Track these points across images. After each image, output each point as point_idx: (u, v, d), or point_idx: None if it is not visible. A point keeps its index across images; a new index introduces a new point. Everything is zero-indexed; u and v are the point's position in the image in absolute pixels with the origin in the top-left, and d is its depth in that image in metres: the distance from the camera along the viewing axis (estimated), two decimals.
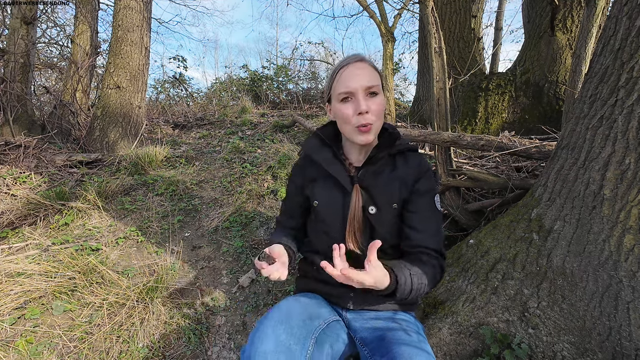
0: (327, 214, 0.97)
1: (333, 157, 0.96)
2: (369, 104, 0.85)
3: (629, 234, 1.02)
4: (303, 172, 1.03)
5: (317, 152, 0.98)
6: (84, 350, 1.28)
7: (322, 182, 0.98)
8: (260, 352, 0.69)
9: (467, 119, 3.64)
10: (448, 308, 1.22)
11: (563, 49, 3.23)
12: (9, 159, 2.80)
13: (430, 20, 2.04)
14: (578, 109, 1.25)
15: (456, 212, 2.03)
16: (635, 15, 1.05)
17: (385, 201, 0.93)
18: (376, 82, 0.87)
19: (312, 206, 0.99)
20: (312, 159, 0.99)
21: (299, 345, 0.73)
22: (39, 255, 1.73)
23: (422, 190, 0.93)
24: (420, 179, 0.94)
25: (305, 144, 1.02)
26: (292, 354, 0.71)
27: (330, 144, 0.98)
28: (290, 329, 0.75)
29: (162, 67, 12.26)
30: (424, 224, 0.92)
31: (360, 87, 0.85)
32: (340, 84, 0.87)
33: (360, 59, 0.88)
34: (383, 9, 3.82)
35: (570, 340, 1.03)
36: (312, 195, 0.99)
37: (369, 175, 0.94)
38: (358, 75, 0.85)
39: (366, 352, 0.86)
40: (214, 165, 3.29)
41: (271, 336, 0.72)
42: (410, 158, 0.97)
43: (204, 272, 1.85)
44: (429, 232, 0.91)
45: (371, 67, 0.89)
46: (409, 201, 0.94)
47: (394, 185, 0.93)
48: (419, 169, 0.94)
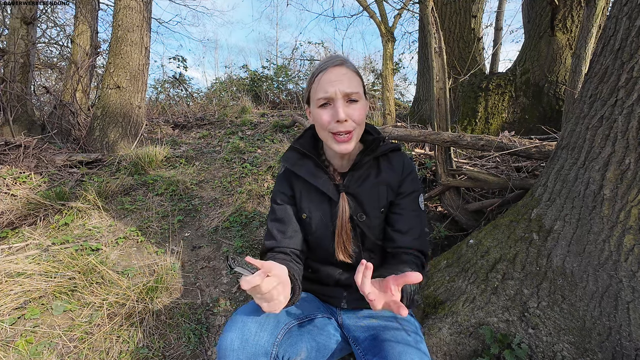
0: (317, 226, 0.94)
1: (315, 168, 0.93)
2: (349, 111, 0.81)
3: (629, 234, 1.02)
4: (289, 182, 0.98)
5: (298, 166, 0.94)
6: (84, 350, 1.28)
7: (307, 194, 0.95)
8: (227, 339, 0.72)
9: (467, 119, 3.64)
10: (448, 308, 1.22)
11: (563, 49, 3.23)
12: (9, 159, 2.80)
13: (430, 20, 2.04)
14: (578, 109, 1.25)
15: (456, 212, 2.03)
16: (635, 15, 1.05)
17: (373, 207, 0.92)
18: (357, 88, 0.83)
19: (302, 219, 0.96)
20: (294, 173, 0.95)
21: (266, 333, 0.75)
22: (39, 255, 1.73)
23: (407, 191, 0.93)
24: (405, 180, 0.94)
25: (284, 160, 0.97)
26: (256, 340, 0.72)
27: (310, 154, 0.94)
28: (260, 319, 0.77)
29: (162, 67, 12.26)
30: (408, 225, 0.92)
31: (339, 93, 0.80)
32: (319, 89, 0.83)
33: (340, 63, 0.84)
34: (383, 9, 3.82)
35: (570, 340, 1.03)
36: (301, 208, 0.95)
37: (355, 181, 0.92)
38: (337, 81, 0.81)
39: (359, 351, 0.86)
40: (214, 165, 3.29)
41: (239, 324, 0.74)
42: (393, 159, 0.95)
43: (204, 272, 1.85)
44: (412, 234, 0.91)
45: (352, 71, 0.85)
46: (394, 203, 0.94)
47: (380, 190, 0.92)
48: (403, 170, 0.94)
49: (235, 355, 0.70)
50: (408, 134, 2.11)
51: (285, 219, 0.95)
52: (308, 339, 0.83)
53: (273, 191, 1.00)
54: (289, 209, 0.96)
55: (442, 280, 1.35)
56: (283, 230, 0.93)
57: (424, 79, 4.53)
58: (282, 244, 0.91)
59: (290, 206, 0.96)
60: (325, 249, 0.95)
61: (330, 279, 0.99)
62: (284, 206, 0.96)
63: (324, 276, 1.00)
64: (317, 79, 0.84)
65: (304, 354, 0.80)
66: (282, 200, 0.97)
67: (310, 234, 0.95)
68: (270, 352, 0.73)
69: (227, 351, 0.70)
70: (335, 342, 0.90)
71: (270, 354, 0.72)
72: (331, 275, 0.99)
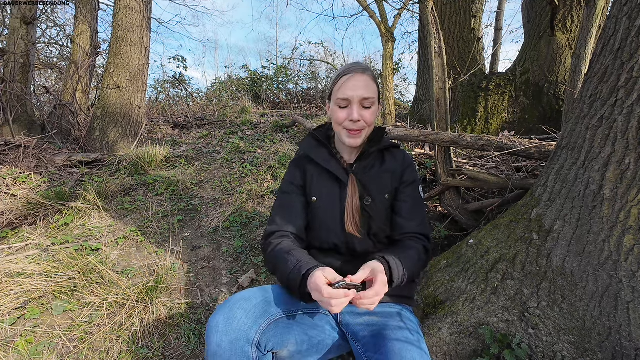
0: (326, 207, 1.02)
1: (329, 155, 1.04)
2: (363, 113, 0.94)
3: (629, 234, 1.02)
4: (302, 168, 1.08)
5: (314, 151, 1.06)
6: (84, 350, 1.28)
7: (319, 177, 1.05)
8: (214, 320, 0.78)
9: (467, 119, 3.64)
10: (448, 308, 1.22)
11: (563, 49, 3.23)
12: (9, 159, 2.80)
13: (430, 20, 2.04)
14: (578, 109, 1.25)
15: (456, 212, 2.03)
16: (635, 15, 1.05)
17: (378, 192, 1.01)
18: (373, 94, 0.95)
19: (311, 203, 1.04)
20: (309, 158, 1.06)
21: (250, 320, 0.78)
22: (39, 256, 1.73)
23: (409, 180, 1.04)
24: (406, 170, 1.05)
25: (302, 143, 1.09)
26: (239, 326, 0.76)
27: (325, 142, 1.07)
28: (247, 307, 0.81)
29: (162, 67, 12.26)
30: (413, 212, 1.02)
31: (357, 97, 0.93)
32: (340, 91, 0.95)
33: (363, 71, 0.95)
34: (383, 9, 3.82)
35: (570, 340, 1.03)
36: (311, 192, 1.04)
37: (362, 169, 1.03)
38: (358, 86, 0.93)
39: (359, 347, 0.86)
40: (214, 165, 3.29)
41: (227, 308, 0.79)
42: (395, 153, 1.07)
43: (204, 272, 1.85)
44: (417, 220, 1.02)
45: (372, 80, 0.96)
46: (398, 191, 1.04)
47: (385, 177, 1.03)
48: (404, 162, 1.06)
49: (218, 336, 0.75)
50: (408, 134, 2.11)
51: (289, 206, 1.03)
52: (298, 332, 0.85)
53: (282, 181, 1.10)
54: (295, 198, 1.04)
55: (442, 280, 1.35)
56: (285, 217, 1.01)
57: (424, 79, 4.53)
58: (283, 228, 0.99)
59: (297, 195, 1.05)
60: (332, 230, 1.01)
61: None
62: (290, 195, 1.05)
63: None
64: (341, 82, 0.95)
65: (292, 346, 0.82)
66: (290, 190, 1.05)
67: (318, 216, 1.02)
68: (252, 338, 0.76)
69: (212, 331, 0.76)
70: (331, 338, 0.90)
71: (251, 341, 0.76)
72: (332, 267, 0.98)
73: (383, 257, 0.85)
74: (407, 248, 0.96)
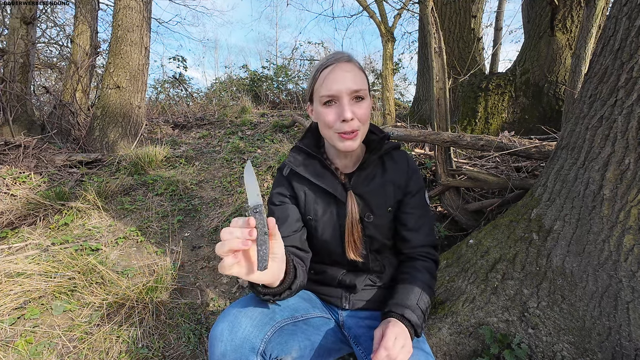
0: (324, 227, 0.91)
1: (322, 168, 0.91)
2: (355, 109, 0.78)
3: (629, 234, 1.02)
4: (289, 184, 0.94)
5: (304, 167, 0.91)
6: (83, 350, 1.28)
7: (313, 195, 0.92)
8: (218, 328, 0.74)
9: (467, 119, 3.64)
10: (448, 308, 1.22)
11: (563, 49, 3.23)
12: (9, 159, 2.80)
13: (430, 20, 2.04)
14: (578, 109, 1.25)
15: (456, 212, 2.03)
16: (635, 15, 1.05)
17: (380, 206, 0.91)
18: (363, 85, 0.80)
19: (307, 221, 0.93)
20: (299, 175, 0.92)
21: (255, 328, 0.75)
22: (39, 256, 1.73)
23: (415, 190, 0.94)
24: (411, 179, 0.93)
25: (290, 161, 0.93)
26: (245, 334, 0.73)
27: (316, 154, 0.92)
28: (252, 314, 0.77)
29: (162, 67, 12.29)
30: (420, 223, 0.93)
31: (345, 90, 0.77)
32: (323, 86, 0.79)
33: (347, 59, 0.80)
34: (383, 9, 3.82)
35: (570, 340, 1.03)
36: (306, 210, 0.92)
37: (362, 181, 0.91)
38: (344, 77, 0.77)
39: (360, 351, 0.86)
40: (213, 165, 3.29)
41: (231, 316, 0.75)
42: (397, 157, 0.95)
43: (203, 272, 1.85)
44: (424, 231, 0.93)
45: (358, 68, 0.82)
46: (403, 203, 0.93)
47: (387, 189, 0.92)
48: (408, 169, 0.94)
49: (222, 345, 0.71)
50: (408, 134, 2.11)
51: (282, 219, 0.91)
52: (302, 338, 0.82)
53: (270, 193, 0.97)
54: (289, 208, 0.92)
55: (442, 280, 1.35)
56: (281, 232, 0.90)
57: (423, 79, 4.53)
58: None
59: (290, 205, 0.93)
60: (333, 251, 0.93)
61: (333, 280, 0.98)
62: (282, 206, 0.92)
63: (327, 277, 0.99)
64: (322, 76, 0.80)
65: (295, 352, 0.79)
66: (280, 201, 0.93)
67: (317, 236, 0.93)
68: (257, 347, 0.73)
69: (216, 341, 0.72)
70: (333, 342, 0.90)
71: (257, 350, 0.72)
72: (334, 276, 0.97)
73: (402, 315, 0.78)
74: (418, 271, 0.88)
